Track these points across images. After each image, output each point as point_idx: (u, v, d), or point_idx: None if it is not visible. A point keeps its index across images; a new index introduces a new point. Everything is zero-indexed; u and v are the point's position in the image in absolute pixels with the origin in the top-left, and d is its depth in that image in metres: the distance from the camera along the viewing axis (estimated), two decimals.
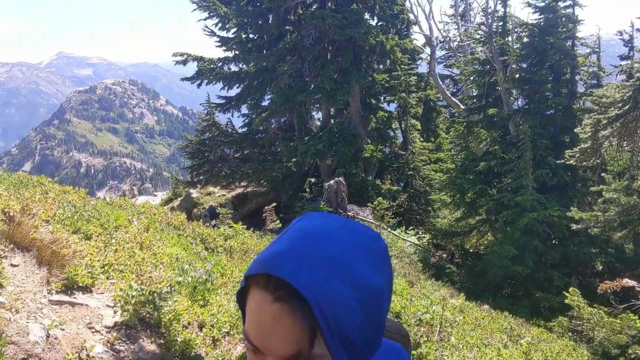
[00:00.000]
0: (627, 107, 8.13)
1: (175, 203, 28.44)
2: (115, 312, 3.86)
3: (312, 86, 21.85)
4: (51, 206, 5.36)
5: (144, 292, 3.86)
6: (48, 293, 3.83)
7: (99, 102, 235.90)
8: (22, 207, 4.85)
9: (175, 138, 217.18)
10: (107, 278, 4.36)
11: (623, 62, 22.20)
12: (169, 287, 3.95)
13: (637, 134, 8.80)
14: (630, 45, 22.31)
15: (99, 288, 4.21)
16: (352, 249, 0.84)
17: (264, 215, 15.26)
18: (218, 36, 23.64)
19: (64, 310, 3.74)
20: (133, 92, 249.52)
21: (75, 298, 3.90)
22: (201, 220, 13.99)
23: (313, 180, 23.74)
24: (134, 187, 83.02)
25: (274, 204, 15.89)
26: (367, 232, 0.89)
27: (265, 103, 24.77)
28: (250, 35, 23.81)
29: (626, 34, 22.28)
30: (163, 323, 3.85)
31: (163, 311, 3.87)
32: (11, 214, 4.78)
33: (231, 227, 11.01)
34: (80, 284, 3.98)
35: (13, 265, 3.99)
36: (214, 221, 12.87)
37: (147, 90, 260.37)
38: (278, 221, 14.78)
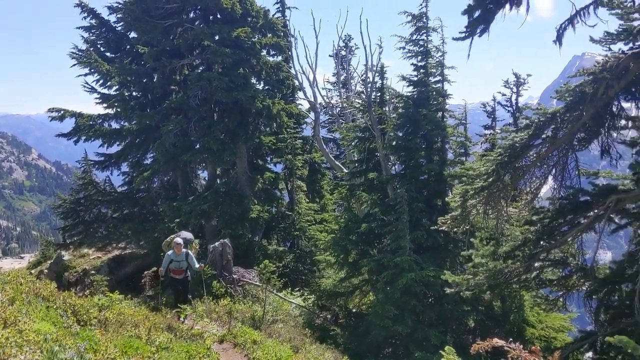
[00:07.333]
0: (491, 179, 8.99)
1: (45, 266, 26.12)
2: None
3: (197, 146, 21.63)
4: None
5: None
6: None
7: None
8: None
9: (48, 194, 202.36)
10: None
11: (486, 132, 24.69)
12: None
13: (500, 203, 9.71)
14: (492, 116, 24.88)
15: None
16: None
17: (142, 280, 14.48)
18: (99, 93, 22.84)
19: None
20: (2, 145, 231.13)
21: None
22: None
23: (197, 241, 23.13)
24: None
25: (155, 268, 15.11)
26: None
27: (148, 161, 24.11)
28: (134, 93, 23.27)
29: (489, 106, 24.88)
30: None
31: None
32: None
33: (107, 295, 10.31)
34: None
35: None
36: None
37: (17, 144, 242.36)
38: (159, 287, 14.07)
